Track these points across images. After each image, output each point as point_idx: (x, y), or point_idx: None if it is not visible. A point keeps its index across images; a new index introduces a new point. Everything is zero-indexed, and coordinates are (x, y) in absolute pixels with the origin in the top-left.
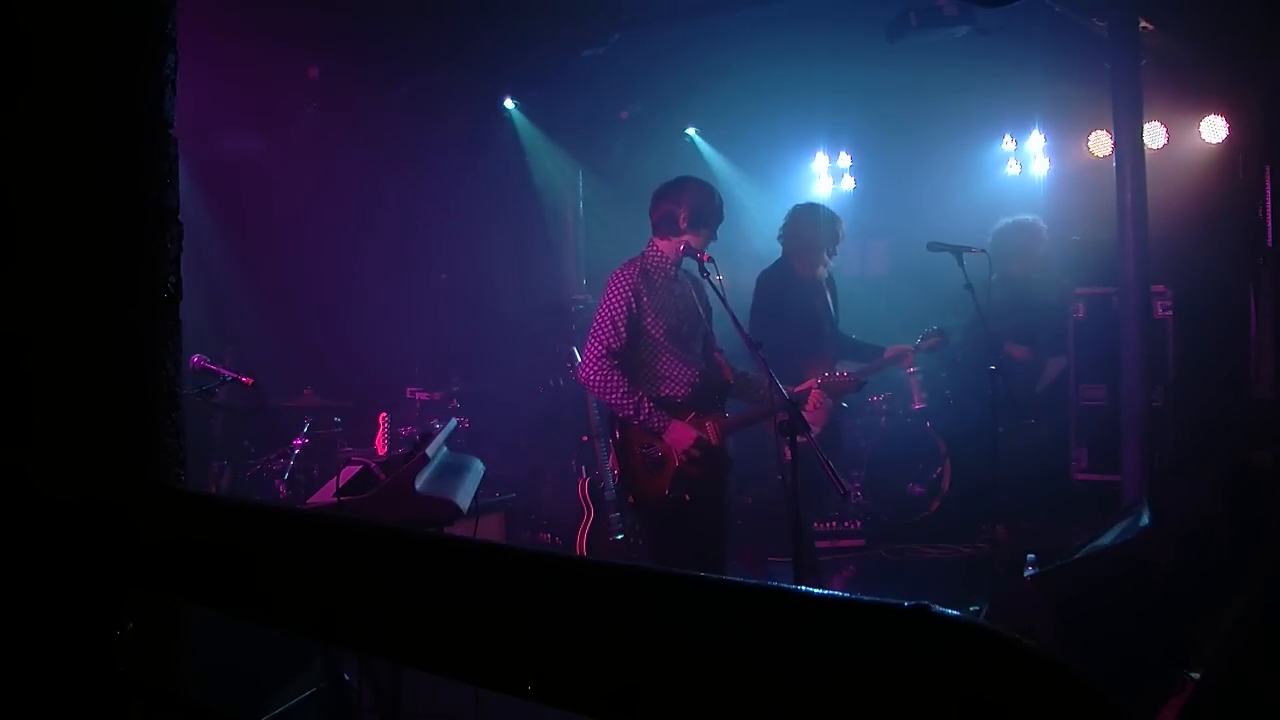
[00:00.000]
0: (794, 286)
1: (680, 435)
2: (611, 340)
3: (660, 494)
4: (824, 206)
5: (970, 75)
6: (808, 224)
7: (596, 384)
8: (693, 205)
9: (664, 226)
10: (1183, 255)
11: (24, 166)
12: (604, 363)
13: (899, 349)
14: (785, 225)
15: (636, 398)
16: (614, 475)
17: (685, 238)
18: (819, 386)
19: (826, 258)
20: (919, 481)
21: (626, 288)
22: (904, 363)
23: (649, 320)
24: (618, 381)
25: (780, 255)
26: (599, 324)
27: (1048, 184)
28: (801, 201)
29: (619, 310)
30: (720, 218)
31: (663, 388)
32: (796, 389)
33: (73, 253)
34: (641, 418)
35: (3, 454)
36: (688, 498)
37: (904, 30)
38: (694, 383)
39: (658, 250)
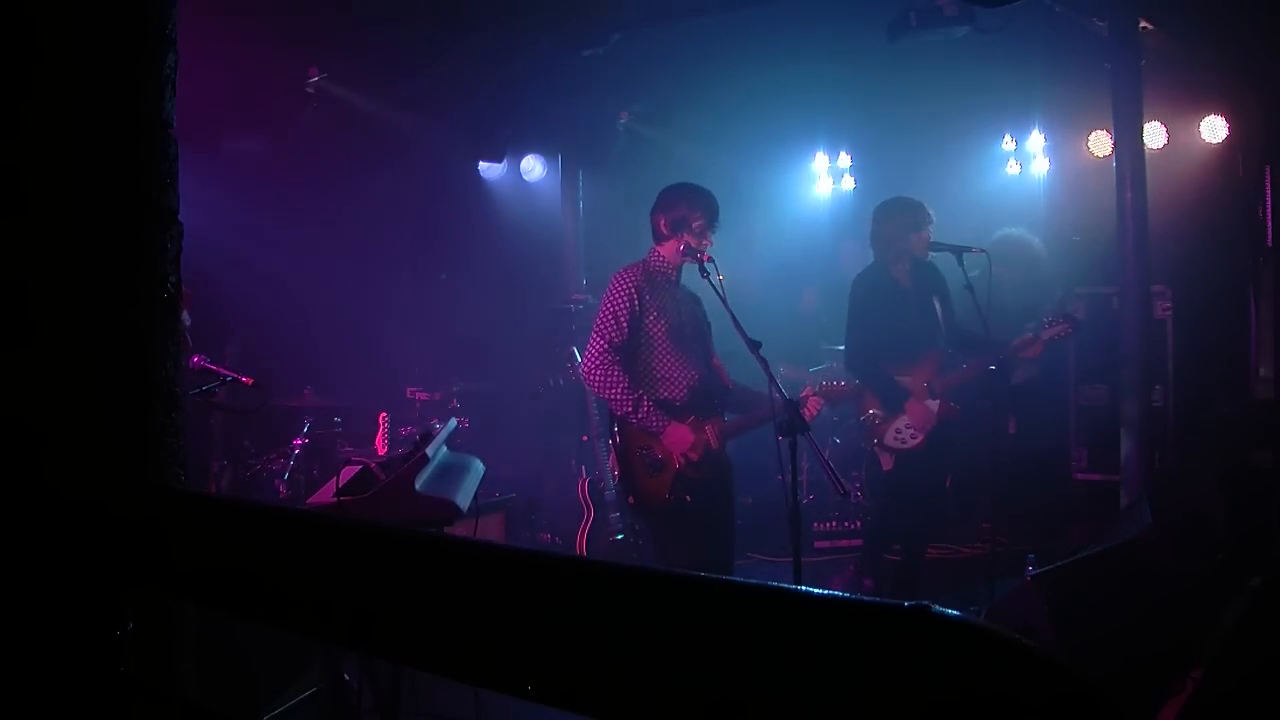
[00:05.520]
0: (884, 290)
1: (678, 437)
2: (614, 335)
3: (661, 497)
4: (906, 198)
5: (970, 75)
6: (883, 220)
7: (598, 380)
8: (670, 212)
9: (654, 235)
10: (1183, 255)
11: (24, 166)
12: (606, 358)
13: (1024, 338)
14: (871, 227)
15: (636, 395)
16: (614, 475)
17: (674, 242)
18: (815, 394)
19: (912, 250)
20: None
21: (630, 284)
22: (1031, 351)
23: (651, 319)
24: (618, 377)
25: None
26: (601, 319)
27: (1048, 184)
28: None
29: (622, 306)
30: (709, 212)
31: (662, 389)
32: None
33: (73, 252)
34: (640, 416)
35: (3, 455)
36: (688, 499)
37: (904, 30)
38: (694, 386)
39: (659, 256)
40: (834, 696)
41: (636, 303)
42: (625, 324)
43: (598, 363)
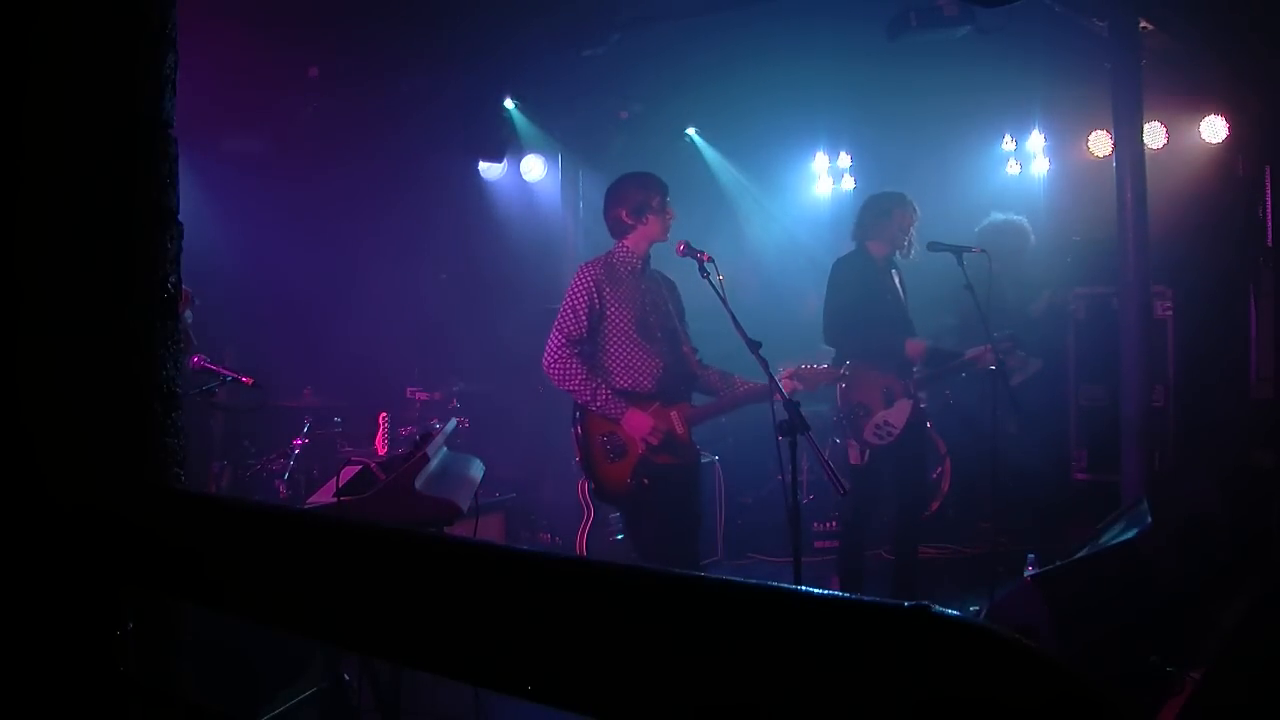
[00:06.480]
0: (868, 274)
1: (637, 423)
2: (572, 329)
3: (622, 481)
4: (894, 190)
5: (970, 75)
6: (870, 206)
7: (556, 372)
8: (628, 202)
9: (618, 230)
10: (1183, 255)
11: (24, 166)
12: (564, 351)
13: (980, 350)
14: (858, 216)
15: (594, 384)
16: (577, 462)
17: (642, 229)
18: (792, 377)
19: (890, 238)
20: None
21: (589, 280)
22: (984, 362)
23: (612, 311)
24: (576, 368)
25: (854, 248)
26: (562, 314)
27: (1048, 184)
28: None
29: (580, 301)
30: (662, 188)
31: (626, 379)
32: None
33: (72, 253)
34: (599, 404)
35: (2, 455)
36: (646, 482)
37: (904, 30)
38: (658, 374)
39: (624, 248)
40: (834, 696)
41: (596, 297)
42: (584, 318)
43: (556, 356)
